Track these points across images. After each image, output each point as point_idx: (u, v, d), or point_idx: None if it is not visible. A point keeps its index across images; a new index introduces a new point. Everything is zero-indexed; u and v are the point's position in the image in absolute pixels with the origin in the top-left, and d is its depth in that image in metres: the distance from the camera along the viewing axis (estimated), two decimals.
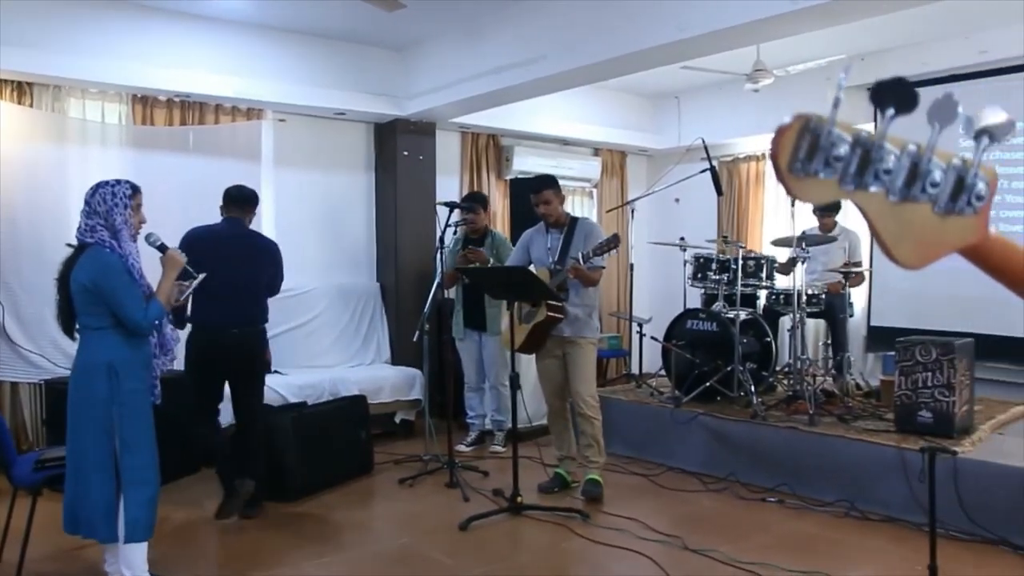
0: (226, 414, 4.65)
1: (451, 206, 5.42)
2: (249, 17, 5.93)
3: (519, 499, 4.50)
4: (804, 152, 0.69)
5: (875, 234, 0.74)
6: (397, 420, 6.39)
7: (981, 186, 0.74)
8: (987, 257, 0.80)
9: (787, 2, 4.21)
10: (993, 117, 0.71)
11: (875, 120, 0.76)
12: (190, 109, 6.05)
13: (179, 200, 5.36)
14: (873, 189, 0.71)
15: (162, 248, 3.52)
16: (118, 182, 3.31)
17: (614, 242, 4.54)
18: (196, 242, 4.20)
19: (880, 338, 6.92)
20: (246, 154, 6.30)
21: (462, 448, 5.97)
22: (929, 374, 4.69)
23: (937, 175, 0.72)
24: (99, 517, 3.19)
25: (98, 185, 3.29)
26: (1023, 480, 4.07)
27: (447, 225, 5.35)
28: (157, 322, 3.31)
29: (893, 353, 5.06)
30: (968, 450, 4.42)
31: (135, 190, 3.34)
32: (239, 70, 5.99)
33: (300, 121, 6.64)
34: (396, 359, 6.84)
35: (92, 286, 3.16)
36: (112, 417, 3.18)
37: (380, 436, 6.08)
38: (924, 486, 3.08)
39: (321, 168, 6.85)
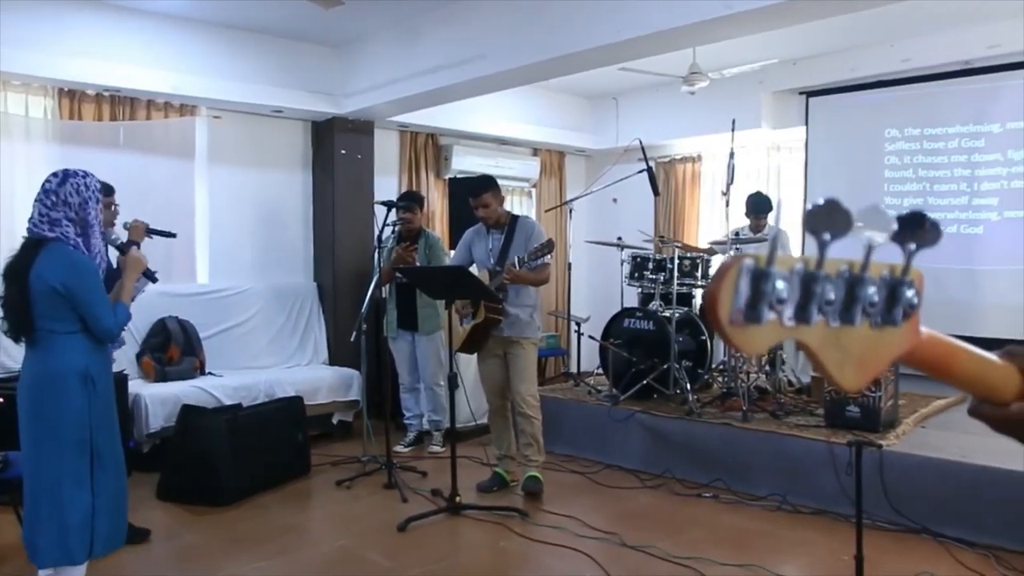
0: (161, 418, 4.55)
1: (388, 205, 5.39)
2: (183, 11, 5.80)
3: (458, 499, 4.50)
4: (745, 300, 0.68)
5: (818, 365, 0.73)
6: (335, 421, 6.32)
7: (911, 293, 0.75)
8: (918, 359, 0.82)
9: (722, 7, 4.28)
10: (922, 223, 0.72)
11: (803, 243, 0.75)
12: (120, 104, 5.89)
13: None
14: (815, 322, 0.71)
15: (122, 248, 3.41)
16: (87, 174, 3.03)
17: (548, 247, 4.56)
18: None
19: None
20: (179, 151, 6.17)
21: (400, 449, 5.94)
22: None
23: (873, 294, 0.73)
24: (63, 539, 2.90)
25: (66, 175, 2.98)
26: (944, 471, 4.24)
27: (385, 224, 5.32)
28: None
29: None
30: (893, 443, 4.57)
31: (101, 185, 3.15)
32: (173, 65, 5.85)
33: (235, 118, 6.53)
34: (334, 360, 6.77)
35: (63, 288, 2.87)
36: (90, 428, 2.93)
37: (317, 437, 6.01)
38: (852, 479, 3.17)
39: (257, 166, 6.74)
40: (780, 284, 0.67)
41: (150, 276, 3.46)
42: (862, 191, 6.87)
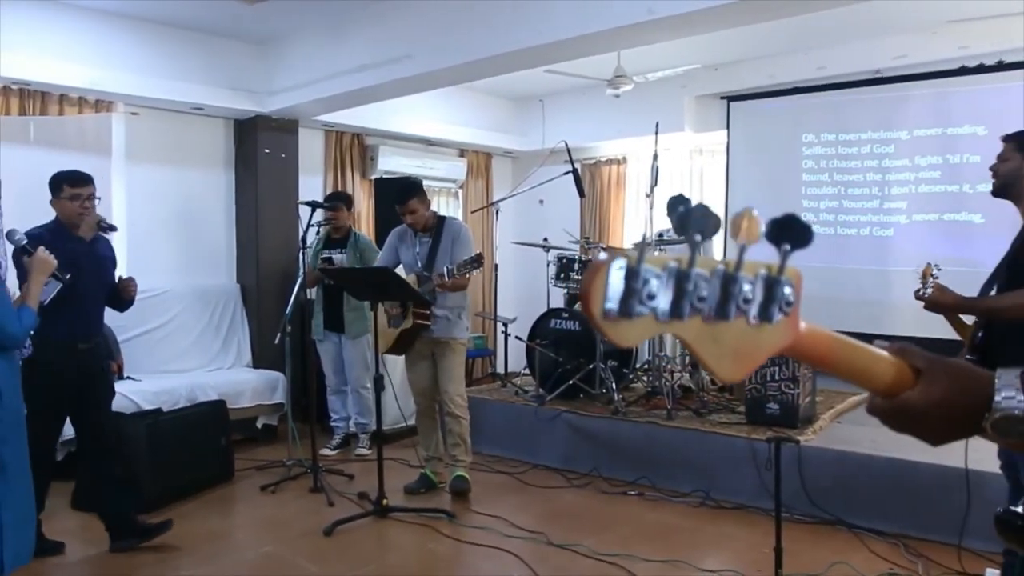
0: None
1: (313, 205, 5.33)
2: (100, 4, 5.61)
3: (385, 501, 4.47)
4: (617, 295, 0.70)
5: (696, 357, 0.76)
6: (259, 425, 6.21)
7: (788, 291, 0.78)
8: (800, 353, 0.86)
9: (644, 12, 4.36)
10: (795, 226, 0.76)
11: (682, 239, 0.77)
12: (30, 98, 5.66)
13: (17, 195, 5.02)
14: (689, 317, 0.74)
15: (26, 249, 3.28)
16: None
17: (477, 262, 4.53)
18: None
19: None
20: (95, 148, 5.96)
21: (327, 452, 5.87)
22: (776, 368, 4.97)
23: (748, 291, 0.76)
24: None
25: None
26: (857, 464, 4.41)
27: (309, 225, 5.26)
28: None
29: None
30: (810, 438, 4.73)
31: None
32: (88, 59, 5.65)
33: (154, 115, 6.35)
34: (258, 362, 6.65)
35: None
36: None
37: (241, 442, 5.90)
38: (771, 474, 3.26)
39: (177, 164, 6.58)
40: (652, 280, 0.70)
41: (59, 277, 3.34)
42: (781, 194, 7.07)
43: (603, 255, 0.70)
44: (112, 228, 3.99)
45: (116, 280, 4.04)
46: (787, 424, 4.91)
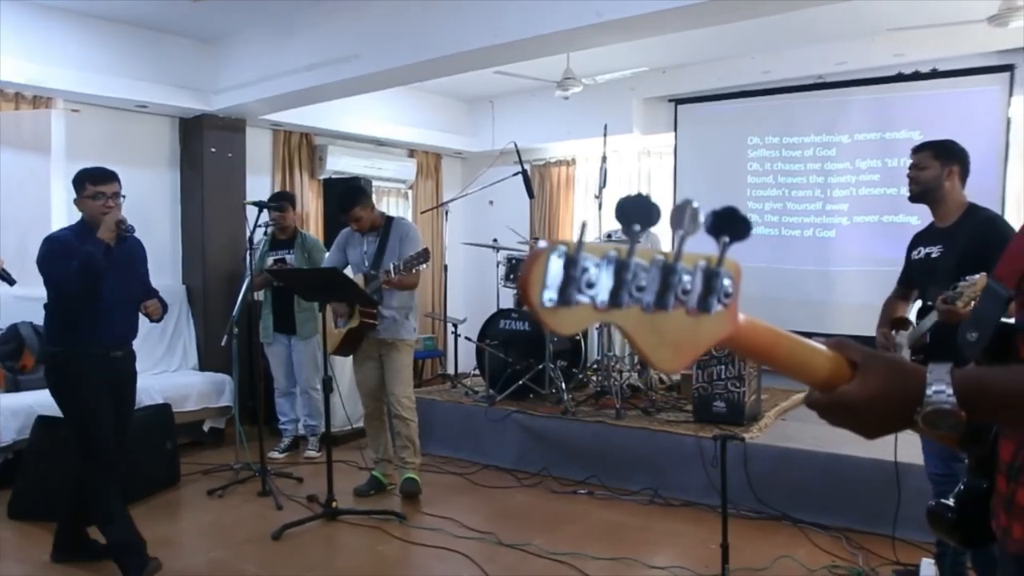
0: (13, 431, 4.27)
1: (260, 205, 5.27)
2: None
3: (334, 504, 4.45)
4: (556, 283, 0.70)
5: (634, 346, 0.77)
6: (206, 428, 6.11)
7: (727, 283, 0.79)
8: (739, 345, 0.88)
9: (593, 15, 4.40)
10: (734, 218, 0.77)
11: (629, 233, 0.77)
12: None
13: None
14: (628, 306, 0.74)
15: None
16: None
17: (423, 257, 4.53)
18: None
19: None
20: (33, 146, 5.80)
21: (275, 455, 5.80)
22: (723, 367, 5.06)
23: (687, 281, 0.76)
24: None
25: None
26: (801, 460, 4.52)
27: (256, 225, 5.19)
28: None
29: None
30: (756, 436, 4.82)
31: None
32: (25, 54, 5.49)
33: (96, 112, 6.20)
34: (204, 365, 6.54)
35: None
36: None
37: (187, 446, 5.80)
38: (718, 471, 3.31)
39: (120, 163, 6.31)
40: (591, 269, 0.71)
41: (6, 278, 3.26)
42: (727, 196, 7.17)
43: (542, 243, 0.71)
44: (130, 230, 3.67)
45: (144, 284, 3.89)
46: (733, 422, 5.00)
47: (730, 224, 0.77)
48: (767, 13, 4.69)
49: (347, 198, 4.84)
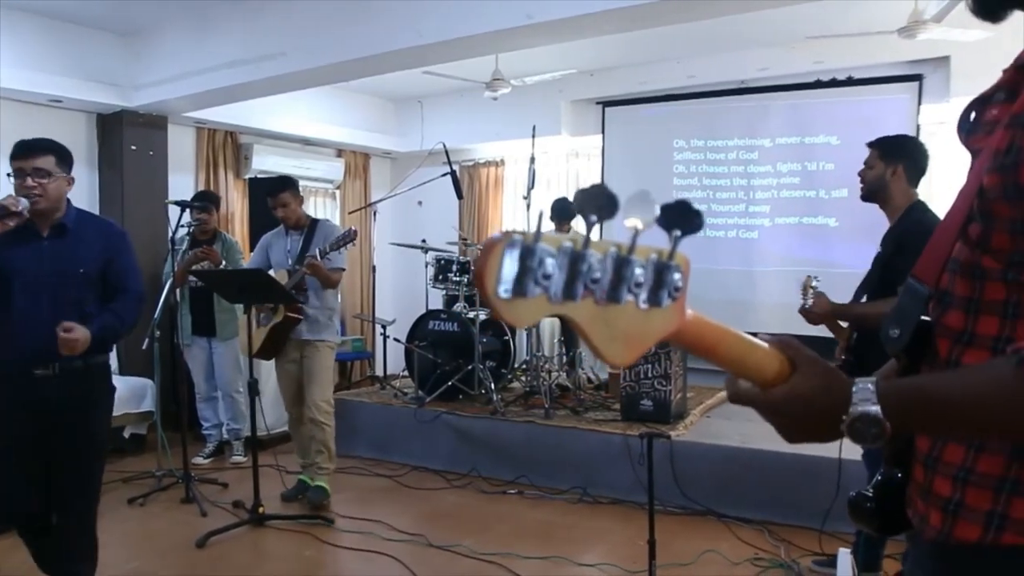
0: None
1: (183, 205, 5.14)
2: None
3: (261, 509, 4.37)
4: (511, 274, 0.69)
5: (585, 339, 0.77)
6: (126, 435, 5.92)
7: (677, 276, 0.80)
8: (685, 339, 0.89)
9: (522, 16, 4.43)
10: (687, 212, 0.78)
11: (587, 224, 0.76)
12: None
13: None
14: (582, 299, 0.73)
15: None
16: None
17: (351, 235, 4.52)
18: None
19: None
20: None
21: (199, 460, 5.67)
22: (649, 366, 5.13)
23: (639, 274, 0.76)
24: None
25: None
26: (725, 456, 4.62)
27: (179, 225, 5.06)
28: None
29: None
30: (682, 433, 4.91)
31: None
32: None
33: (8, 107, 5.95)
34: (124, 369, 6.33)
35: None
36: None
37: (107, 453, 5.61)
38: (645, 468, 3.36)
39: None
40: (547, 261, 0.70)
41: None
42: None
43: (498, 234, 0.70)
44: (21, 213, 2.85)
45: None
46: (660, 420, 5.08)
47: (682, 217, 0.77)
48: (693, 19, 4.78)
49: (277, 182, 4.83)
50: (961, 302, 1.00)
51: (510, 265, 0.69)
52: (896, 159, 3.15)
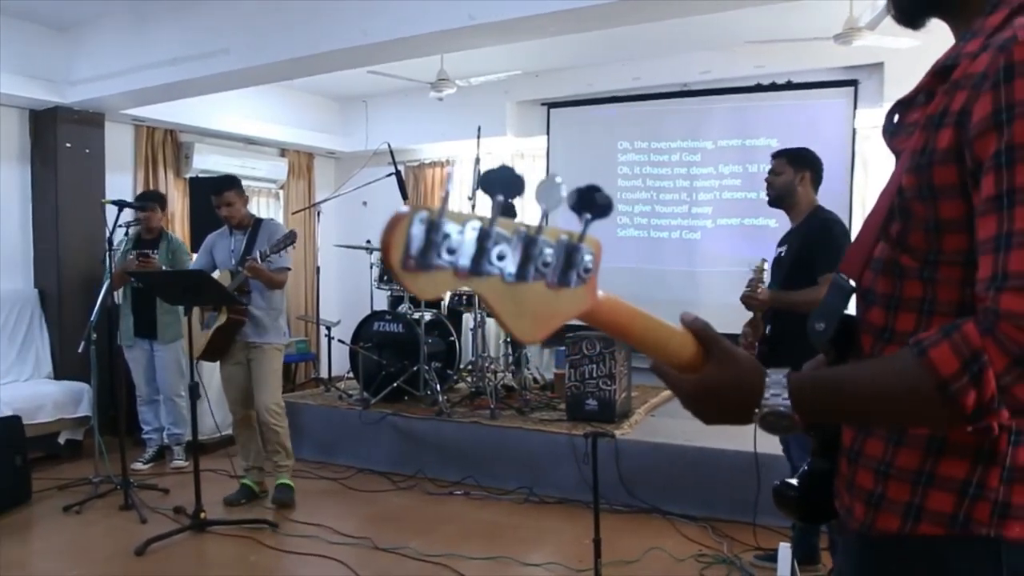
0: None
1: (121, 205, 5.02)
2: None
3: (203, 515, 4.28)
4: (417, 247, 0.70)
5: (494, 315, 0.78)
6: (62, 441, 5.76)
7: (588, 258, 0.82)
8: (598, 320, 0.91)
9: (466, 17, 4.43)
10: (597, 197, 0.80)
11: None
12: None
13: None
14: (489, 274, 0.75)
15: None
16: None
17: (291, 238, 4.48)
18: None
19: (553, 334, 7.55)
20: None
21: (139, 466, 5.55)
22: (594, 366, 5.18)
23: (548, 254, 0.78)
24: None
25: None
26: (669, 454, 4.69)
27: (117, 225, 4.95)
28: None
29: (564, 348, 5.53)
30: (627, 432, 4.97)
31: None
32: None
33: None
34: (60, 373, 6.17)
35: None
36: None
37: (42, 460, 5.47)
38: (590, 467, 3.39)
39: None
40: (453, 235, 0.72)
41: None
42: None
43: (405, 208, 0.71)
44: None
45: None
46: (605, 419, 5.13)
47: (592, 202, 0.79)
48: (637, 22, 4.84)
49: (222, 181, 4.77)
50: (882, 299, 1.04)
51: (416, 238, 0.70)
52: (803, 167, 3.46)
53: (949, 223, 0.95)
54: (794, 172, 3.44)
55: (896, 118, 1.10)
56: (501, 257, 0.75)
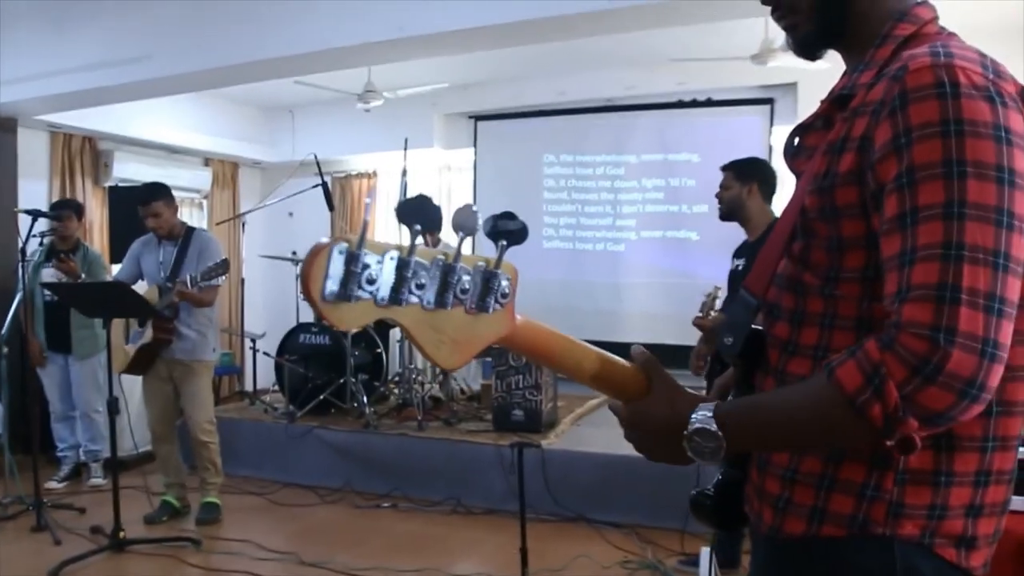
0: None
1: (34, 214, 4.85)
2: None
3: (122, 534, 4.16)
4: (337, 279, 0.72)
5: (414, 343, 0.81)
6: None
7: (505, 283, 0.85)
8: (517, 344, 0.95)
9: (395, 29, 4.45)
10: (511, 224, 0.85)
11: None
12: None
13: None
14: (409, 303, 0.77)
15: None
16: None
17: (223, 267, 4.36)
18: None
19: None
20: None
21: (53, 484, 5.35)
22: (520, 376, 5.23)
23: (466, 281, 0.80)
24: None
25: None
26: (595, 463, 4.76)
27: (30, 235, 4.78)
28: None
29: (490, 359, 5.57)
30: (553, 441, 5.03)
31: None
32: None
33: None
34: None
35: None
36: None
37: None
38: (517, 477, 3.43)
39: None
40: (372, 266, 0.74)
41: None
42: (524, 211, 7.23)
43: (324, 239, 0.73)
44: None
45: None
46: (532, 429, 5.17)
47: (507, 229, 0.84)
48: (562, 39, 4.94)
49: (149, 190, 4.56)
50: (787, 314, 1.11)
51: (335, 270, 0.73)
52: (750, 179, 3.42)
53: (850, 240, 1.01)
54: (741, 185, 3.39)
55: (796, 141, 1.17)
56: (420, 286, 0.77)
